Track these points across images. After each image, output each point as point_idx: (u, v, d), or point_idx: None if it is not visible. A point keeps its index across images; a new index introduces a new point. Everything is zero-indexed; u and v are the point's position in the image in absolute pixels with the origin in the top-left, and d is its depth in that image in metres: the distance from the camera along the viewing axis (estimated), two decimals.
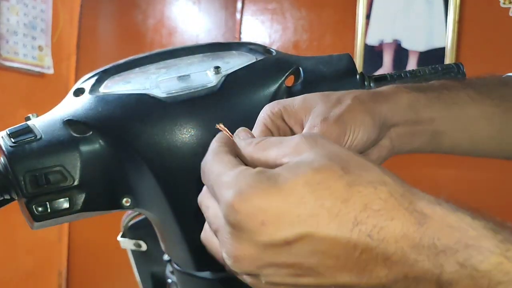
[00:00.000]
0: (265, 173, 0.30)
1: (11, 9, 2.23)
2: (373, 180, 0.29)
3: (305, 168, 0.29)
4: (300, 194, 0.29)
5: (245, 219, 0.29)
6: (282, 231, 0.29)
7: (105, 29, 2.62)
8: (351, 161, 0.30)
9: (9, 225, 2.16)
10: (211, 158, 0.35)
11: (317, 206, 0.28)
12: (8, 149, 0.52)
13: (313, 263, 0.30)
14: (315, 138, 0.32)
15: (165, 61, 0.67)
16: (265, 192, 0.29)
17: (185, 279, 0.65)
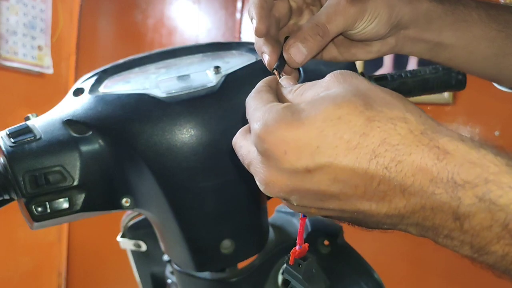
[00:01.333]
0: (290, 107, 0.32)
1: (10, 9, 2.23)
2: (394, 116, 0.30)
3: (328, 102, 0.31)
4: (320, 127, 0.30)
5: (271, 148, 0.32)
6: (303, 160, 0.31)
7: (105, 29, 2.62)
8: (375, 97, 0.31)
9: (9, 225, 2.16)
10: (253, 95, 0.37)
11: (336, 138, 0.30)
12: (7, 149, 0.52)
13: (334, 191, 0.32)
14: (345, 75, 0.33)
15: (164, 61, 0.67)
16: (288, 125, 0.31)
17: (185, 279, 0.65)
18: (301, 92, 0.35)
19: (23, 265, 2.35)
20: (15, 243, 2.28)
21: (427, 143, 0.29)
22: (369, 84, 0.32)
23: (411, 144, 0.29)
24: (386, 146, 0.30)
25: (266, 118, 0.32)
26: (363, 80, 0.33)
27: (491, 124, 1.79)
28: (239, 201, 0.59)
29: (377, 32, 0.46)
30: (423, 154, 0.29)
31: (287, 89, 0.37)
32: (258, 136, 0.32)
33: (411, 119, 0.30)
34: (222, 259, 0.60)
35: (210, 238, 0.59)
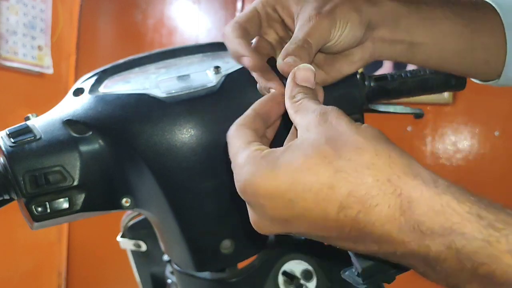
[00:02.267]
0: (266, 158, 0.34)
1: (10, 8, 2.23)
2: (362, 164, 0.31)
3: (300, 153, 0.33)
4: (291, 179, 0.32)
5: (251, 200, 0.35)
6: (279, 211, 0.34)
7: (105, 29, 2.62)
8: (347, 142, 0.32)
9: (9, 225, 2.16)
10: (233, 131, 0.39)
11: (306, 191, 0.32)
12: (7, 149, 0.52)
13: (314, 234, 0.34)
14: (326, 116, 0.34)
15: (164, 61, 0.67)
16: (263, 178, 0.33)
17: (185, 279, 0.65)
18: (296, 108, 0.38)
19: (23, 265, 2.35)
20: (15, 243, 2.29)
21: (392, 191, 0.30)
22: (345, 125, 0.33)
23: (377, 194, 0.30)
24: (352, 198, 0.31)
25: (244, 171, 0.34)
26: (341, 121, 0.34)
27: (490, 124, 1.79)
28: (239, 201, 0.59)
29: (354, 36, 0.46)
30: (389, 204, 0.30)
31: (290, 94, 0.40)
32: (239, 188, 0.35)
33: (378, 163, 0.31)
34: (222, 259, 0.60)
35: (210, 238, 0.59)
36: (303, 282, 0.62)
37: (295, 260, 0.63)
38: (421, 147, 1.90)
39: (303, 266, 0.62)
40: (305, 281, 0.62)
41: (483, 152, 1.78)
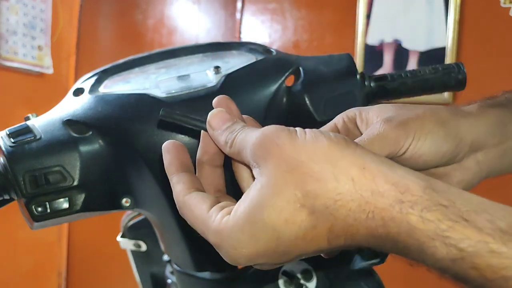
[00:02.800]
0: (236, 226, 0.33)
1: (10, 8, 2.23)
2: (329, 198, 0.31)
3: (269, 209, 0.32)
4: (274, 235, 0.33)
5: (251, 264, 0.35)
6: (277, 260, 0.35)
7: (105, 29, 2.62)
8: (305, 178, 0.32)
9: (9, 225, 2.16)
10: (181, 206, 0.38)
11: (292, 240, 0.33)
12: (7, 149, 0.52)
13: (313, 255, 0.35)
14: (265, 147, 0.33)
15: (164, 61, 0.67)
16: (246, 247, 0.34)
17: (185, 280, 0.65)
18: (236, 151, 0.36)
19: (23, 265, 2.35)
20: (15, 243, 2.29)
21: (365, 218, 0.31)
22: (292, 149, 0.32)
23: (353, 223, 0.31)
24: (334, 233, 0.32)
25: (224, 247, 0.35)
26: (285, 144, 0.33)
27: None
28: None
29: (439, 151, 0.41)
30: (367, 228, 0.31)
31: (223, 142, 0.38)
32: (231, 263, 0.36)
33: (344, 191, 0.31)
34: (222, 259, 0.60)
35: None
36: (303, 282, 0.62)
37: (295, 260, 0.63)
38: None
39: (303, 266, 0.62)
40: (305, 281, 0.62)
41: None
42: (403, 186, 0.31)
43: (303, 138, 0.33)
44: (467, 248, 0.28)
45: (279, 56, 0.64)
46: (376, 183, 0.31)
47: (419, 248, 0.30)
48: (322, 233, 0.32)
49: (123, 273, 1.35)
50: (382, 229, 0.31)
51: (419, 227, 0.30)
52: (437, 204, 0.30)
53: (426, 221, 0.29)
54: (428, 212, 0.29)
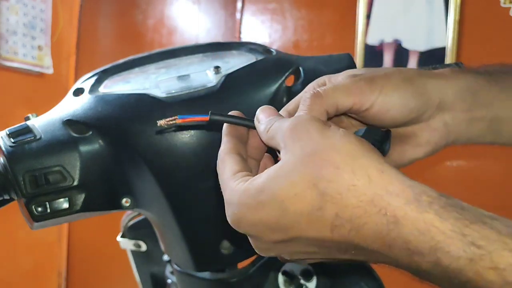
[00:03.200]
0: (250, 190, 0.35)
1: (10, 8, 2.22)
2: (342, 186, 0.32)
3: (283, 182, 0.33)
4: (281, 207, 0.33)
5: (246, 231, 0.36)
6: (275, 236, 0.35)
7: (105, 29, 2.62)
8: (325, 162, 0.33)
9: (9, 225, 2.15)
10: (218, 162, 0.40)
11: (297, 215, 0.33)
12: (7, 149, 0.52)
13: (313, 250, 0.35)
14: (297, 131, 0.35)
15: (164, 61, 0.67)
16: (251, 209, 0.34)
17: (185, 279, 0.65)
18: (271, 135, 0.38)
19: (23, 265, 2.35)
20: (15, 243, 2.28)
21: (378, 211, 0.31)
22: (319, 139, 0.34)
23: (362, 214, 0.31)
24: (340, 219, 0.32)
25: (231, 208, 0.36)
26: (314, 133, 0.34)
27: None
28: None
29: (407, 107, 0.41)
30: (375, 224, 0.31)
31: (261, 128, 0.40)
32: (232, 224, 0.37)
33: (358, 184, 0.32)
34: (222, 259, 0.60)
35: (210, 238, 0.59)
36: (303, 282, 0.62)
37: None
38: None
39: (303, 266, 0.62)
40: (305, 281, 0.62)
41: (483, 151, 1.77)
42: (419, 189, 0.31)
43: (334, 131, 0.34)
44: (487, 247, 0.28)
45: (279, 56, 0.64)
46: (392, 184, 0.31)
47: (434, 247, 0.29)
48: (327, 217, 0.32)
49: (123, 273, 1.35)
50: (393, 226, 0.30)
51: (436, 225, 0.29)
52: (453, 205, 0.30)
53: (443, 220, 0.29)
54: (445, 212, 0.29)
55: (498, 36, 1.72)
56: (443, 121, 0.43)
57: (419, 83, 0.42)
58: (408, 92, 0.41)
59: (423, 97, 0.42)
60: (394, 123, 0.42)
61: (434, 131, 0.44)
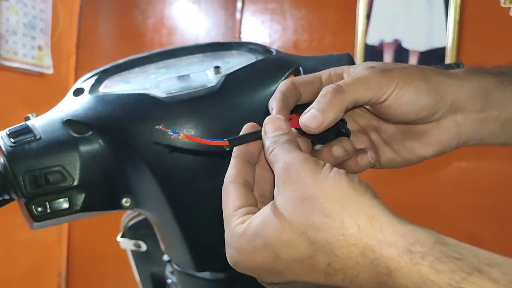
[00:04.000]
0: (246, 234, 0.35)
1: (10, 8, 2.22)
2: (332, 235, 0.32)
3: (273, 227, 0.34)
4: (274, 254, 0.34)
5: (245, 272, 0.37)
6: (273, 279, 0.35)
7: (105, 29, 2.62)
8: (314, 209, 0.32)
9: (9, 225, 2.15)
10: (224, 188, 0.40)
11: (289, 261, 0.33)
12: (7, 149, 0.52)
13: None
14: (289, 172, 0.34)
15: (164, 61, 0.67)
16: (248, 256, 0.35)
17: (185, 280, 0.65)
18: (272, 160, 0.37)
19: (23, 265, 2.35)
20: (15, 243, 2.28)
21: (370, 262, 0.31)
22: (310, 183, 0.33)
23: (354, 266, 0.31)
24: (332, 269, 0.32)
25: (231, 248, 0.37)
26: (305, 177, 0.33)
27: None
28: None
29: (419, 104, 0.41)
30: (369, 274, 0.31)
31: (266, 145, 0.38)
32: (231, 265, 0.38)
33: (347, 234, 0.31)
34: (222, 259, 0.60)
35: (210, 238, 0.59)
36: None
37: None
38: None
39: None
40: None
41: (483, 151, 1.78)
42: (412, 238, 0.30)
43: (326, 174, 0.33)
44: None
45: (279, 56, 0.64)
46: (383, 233, 0.31)
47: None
48: (320, 265, 0.32)
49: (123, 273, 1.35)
50: (386, 277, 0.30)
51: (431, 278, 0.29)
52: (448, 256, 0.29)
53: (438, 272, 0.28)
54: (440, 263, 0.29)
55: (498, 36, 1.71)
56: (455, 122, 0.43)
57: (434, 82, 0.42)
58: (422, 89, 0.41)
59: (436, 96, 0.41)
60: (405, 118, 0.42)
61: (444, 130, 0.43)
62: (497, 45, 1.71)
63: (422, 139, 0.44)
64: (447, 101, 0.42)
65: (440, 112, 0.42)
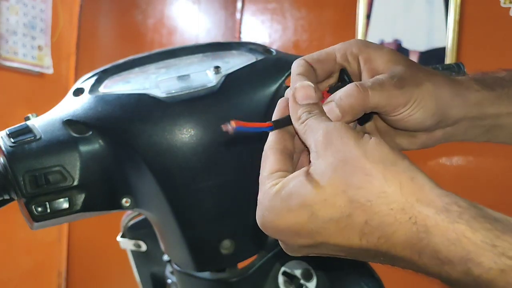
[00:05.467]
0: (280, 194, 0.35)
1: (10, 9, 2.22)
2: (373, 193, 0.32)
3: (313, 187, 0.34)
4: (309, 213, 0.33)
5: (272, 235, 0.37)
6: (303, 240, 0.35)
7: (105, 29, 2.62)
8: (356, 169, 0.33)
9: (9, 225, 2.15)
10: (263, 154, 0.40)
11: (326, 221, 0.33)
12: (7, 149, 0.52)
13: (340, 255, 0.36)
14: (330, 137, 0.35)
15: (164, 61, 0.67)
16: (280, 217, 0.35)
17: (185, 279, 0.65)
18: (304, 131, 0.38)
19: (23, 264, 2.35)
20: (15, 243, 2.28)
21: (408, 219, 0.31)
22: (352, 146, 0.34)
23: (393, 222, 0.31)
24: (369, 227, 0.32)
25: (260, 210, 0.37)
26: (346, 140, 0.34)
27: None
28: (239, 201, 0.59)
29: (422, 123, 0.43)
30: (405, 232, 0.31)
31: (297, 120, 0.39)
32: (260, 225, 0.37)
33: (389, 191, 0.32)
34: (222, 259, 0.60)
35: (210, 238, 0.59)
36: (303, 282, 0.62)
37: (295, 260, 0.63)
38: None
39: (303, 266, 0.62)
40: (305, 281, 0.62)
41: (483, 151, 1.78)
42: (450, 199, 0.31)
43: (367, 140, 0.34)
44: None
45: (279, 56, 0.64)
46: (423, 192, 0.31)
47: (465, 258, 0.29)
48: (356, 224, 0.32)
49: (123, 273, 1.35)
50: (423, 235, 0.31)
51: (467, 235, 0.29)
52: (484, 216, 0.30)
53: (474, 230, 0.29)
54: (476, 222, 0.29)
55: (498, 36, 1.71)
56: (444, 130, 0.46)
57: (443, 102, 0.43)
58: (431, 111, 0.43)
59: (440, 117, 0.44)
60: (403, 129, 0.45)
61: (433, 136, 0.46)
62: (497, 45, 1.71)
63: (410, 139, 0.47)
64: (449, 120, 0.45)
65: (437, 126, 0.45)
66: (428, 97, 0.43)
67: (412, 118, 0.43)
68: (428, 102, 0.43)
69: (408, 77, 0.42)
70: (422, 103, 0.42)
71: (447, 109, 0.44)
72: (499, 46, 1.70)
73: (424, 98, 0.42)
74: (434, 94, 0.43)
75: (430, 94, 0.43)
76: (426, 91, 0.43)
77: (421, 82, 0.43)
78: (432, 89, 0.43)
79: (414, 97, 0.42)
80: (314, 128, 0.37)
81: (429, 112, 0.43)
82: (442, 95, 0.43)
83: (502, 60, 1.66)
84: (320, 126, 0.36)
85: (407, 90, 0.42)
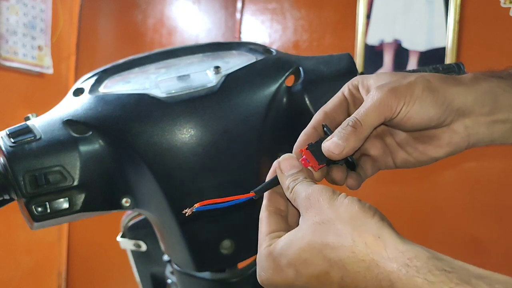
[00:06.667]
0: (273, 255, 0.40)
1: (10, 9, 2.22)
2: (344, 252, 0.36)
3: (296, 248, 0.39)
4: (295, 271, 0.39)
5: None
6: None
7: (105, 29, 2.62)
8: (329, 231, 0.37)
9: (9, 225, 2.16)
10: (260, 215, 0.45)
11: (308, 277, 0.38)
12: (7, 149, 0.52)
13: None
14: (309, 201, 0.39)
15: (164, 61, 0.67)
16: (274, 275, 0.40)
17: (185, 279, 0.65)
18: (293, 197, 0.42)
19: (23, 265, 2.35)
20: (15, 243, 2.28)
21: (374, 277, 0.35)
22: (326, 209, 0.38)
23: (362, 279, 0.35)
24: (345, 282, 0.36)
25: (260, 267, 0.42)
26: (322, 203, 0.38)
27: None
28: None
29: (427, 115, 0.44)
30: (375, 286, 0.35)
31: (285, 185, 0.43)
32: (260, 282, 0.42)
33: (356, 252, 0.36)
34: (222, 259, 0.60)
35: (210, 238, 0.59)
36: None
37: None
38: None
39: None
40: None
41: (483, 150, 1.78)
42: (410, 254, 0.34)
43: (341, 201, 0.38)
44: None
45: (279, 56, 0.64)
46: (386, 250, 0.35)
47: None
48: (334, 280, 0.37)
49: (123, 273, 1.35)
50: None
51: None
52: (440, 269, 0.33)
53: (431, 283, 0.32)
54: (432, 276, 0.32)
55: (498, 36, 1.72)
56: (464, 125, 0.46)
57: (439, 92, 0.45)
58: (428, 101, 0.44)
59: (442, 105, 0.44)
60: (415, 128, 0.46)
61: (455, 133, 0.46)
62: (497, 45, 1.71)
63: (433, 142, 0.47)
64: (454, 108, 0.45)
65: (448, 119, 0.45)
66: (419, 89, 0.44)
67: (412, 113, 0.44)
68: (421, 93, 0.44)
69: (394, 81, 0.45)
70: (414, 96, 0.44)
71: (447, 95, 0.44)
72: (499, 46, 1.70)
73: (414, 92, 0.44)
74: (426, 84, 0.44)
75: (421, 85, 0.44)
76: (416, 85, 0.44)
77: (408, 79, 0.45)
78: (422, 81, 0.44)
79: (403, 95, 0.44)
80: (299, 193, 0.41)
81: (426, 102, 0.44)
82: (435, 84, 0.45)
83: (502, 60, 1.66)
84: (302, 190, 0.41)
85: (394, 91, 0.44)
